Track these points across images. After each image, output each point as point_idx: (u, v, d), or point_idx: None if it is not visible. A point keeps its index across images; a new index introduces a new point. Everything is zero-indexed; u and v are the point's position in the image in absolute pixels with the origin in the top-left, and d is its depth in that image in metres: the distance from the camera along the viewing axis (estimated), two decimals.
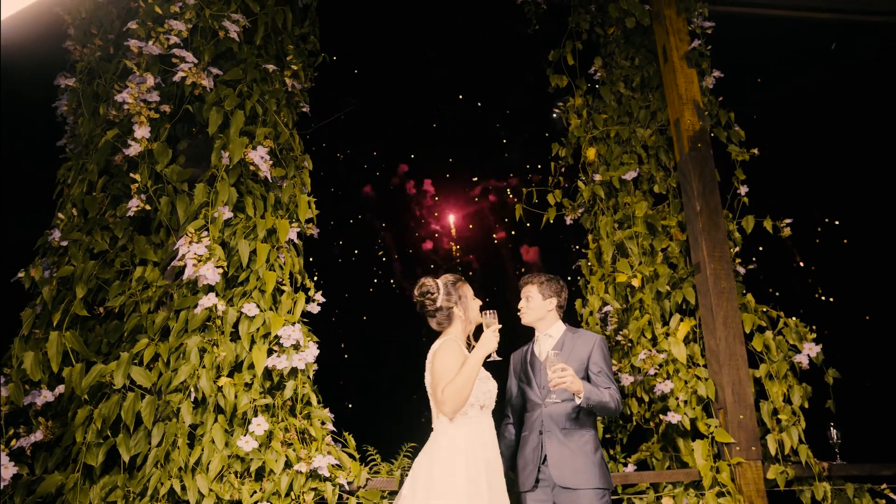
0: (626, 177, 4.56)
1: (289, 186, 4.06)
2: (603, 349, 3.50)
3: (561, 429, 3.44)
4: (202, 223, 3.55)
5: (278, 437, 3.57)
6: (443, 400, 3.06)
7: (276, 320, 3.64)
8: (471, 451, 3.07)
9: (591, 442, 3.41)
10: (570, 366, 3.44)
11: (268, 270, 3.76)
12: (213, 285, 3.61)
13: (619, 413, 3.40)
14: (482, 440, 3.16)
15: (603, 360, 3.48)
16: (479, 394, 3.17)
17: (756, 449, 3.86)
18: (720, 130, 4.65)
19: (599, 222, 4.63)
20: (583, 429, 3.42)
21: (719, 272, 4.17)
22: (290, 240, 3.94)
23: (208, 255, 3.43)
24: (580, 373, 3.46)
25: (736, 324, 4.09)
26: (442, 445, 3.11)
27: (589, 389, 3.27)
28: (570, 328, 3.64)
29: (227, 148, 3.71)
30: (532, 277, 3.74)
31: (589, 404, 3.27)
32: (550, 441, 3.44)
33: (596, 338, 3.54)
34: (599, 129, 4.84)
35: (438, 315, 3.37)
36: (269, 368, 3.61)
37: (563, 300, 3.70)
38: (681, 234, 4.56)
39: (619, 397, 3.38)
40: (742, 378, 3.99)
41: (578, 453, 3.36)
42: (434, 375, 3.16)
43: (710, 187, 4.35)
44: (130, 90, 3.41)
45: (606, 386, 3.41)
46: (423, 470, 3.11)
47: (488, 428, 3.24)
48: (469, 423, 3.15)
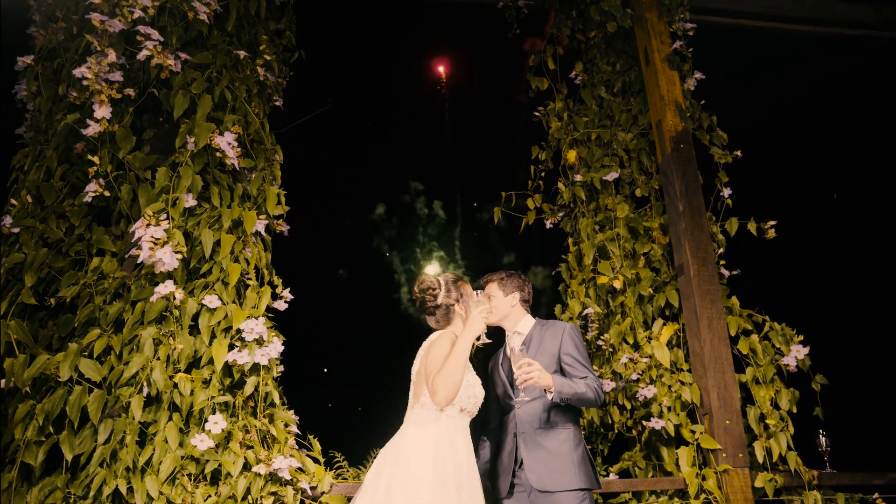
0: (608, 178, 4.39)
1: (257, 178, 3.84)
2: (574, 337, 3.26)
3: (536, 428, 3.19)
4: (161, 206, 3.31)
5: (237, 438, 3.28)
6: (434, 389, 2.84)
7: (238, 313, 3.38)
8: (440, 449, 2.83)
9: (569, 439, 3.15)
10: (539, 360, 3.21)
11: (232, 262, 3.51)
12: (172, 274, 3.35)
13: (601, 403, 3.15)
14: (453, 441, 2.92)
15: (575, 349, 3.23)
16: (463, 396, 2.95)
17: (743, 456, 3.62)
18: (702, 133, 4.52)
19: (580, 224, 4.44)
20: (560, 426, 3.17)
21: (703, 274, 3.98)
22: (258, 232, 3.71)
23: (166, 239, 3.18)
24: (552, 366, 3.22)
25: (721, 326, 3.88)
26: (410, 438, 2.88)
27: (560, 382, 3.02)
28: (541, 321, 3.41)
29: (193, 132, 3.49)
30: (491, 276, 3.54)
31: (562, 398, 3.02)
32: (525, 443, 3.19)
33: (565, 326, 3.30)
34: (580, 131, 4.69)
35: (438, 312, 3.18)
36: (229, 364, 3.34)
37: (528, 294, 3.49)
38: (663, 237, 4.38)
39: (598, 385, 3.13)
40: (728, 382, 3.77)
41: (556, 453, 3.11)
42: (428, 365, 2.95)
43: (693, 188, 4.18)
44: (90, 65, 3.19)
45: (582, 375, 3.16)
46: (388, 459, 2.87)
47: (463, 432, 3.01)
48: (444, 421, 2.92)
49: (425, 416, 2.95)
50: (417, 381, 3.06)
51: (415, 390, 3.07)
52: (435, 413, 2.94)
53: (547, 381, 2.99)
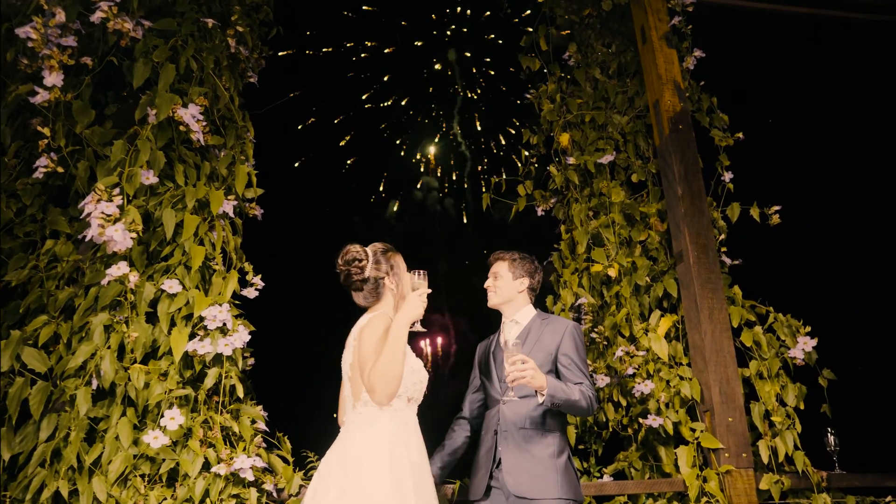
0: (603, 160, 4.10)
1: (227, 156, 3.54)
2: (575, 337, 2.99)
3: (519, 429, 2.90)
4: (115, 180, 3.00)
5: (197, 435, 2.98)
6: (372, 385, 2.50)
7: (201, 300, 3.08)
8: (395, 450, 2.50)
9: (554, 445, 2.86)
10: (535, 357, 2.92)
11: (196, 245, 3.21)
12: (129, 256, 3.05)
13: (593, 413, 2.87)
14: (406, 438, 2.60)
15: (574, 351, 2.96)
16: (408, 384, 2.64)
17: (747, 456, 3.33)
18: (702, 116, 4.23)
19: (573, 210, 4.15)
20: (546, 431, 2.89)
21: (703, 261, 3.69)
22: (226, 214, 3.40)
23: (118, 216, 2.87)
24: (547, 365, 2.94)
25: (722, 317, 3.59)
26: (358, 441, 2.53)
27: (554, 386, 2.73)
28: (542, 314, 3.13)
29: (154, 104, 3.19)
30: (503, 253, 3.23)
31: (554, 403, 2.73)
32: (506, 443, 2.90)
33: (567, 324, 3.03)
34: (573, 113, 4.40)
35: (366, 287, 2.81)
36: (189, 355, 3.04)
37: (537, 283, 3.20)
38: (661, 224, 4.09)
39: (593, 394, 2.86)
40: (730, 376, 3.48)
41: (539, 458, 2.82)
42: (361, 356, 2.62)
43: (693, 171, 3.90)
44: (35, 24, 2.90)
45: (578, 381, 2.89)
46: (334, 471, 2.50)
47: (414, 425, 2.69)
48: (393, 416, 2.60)
49: (371, 414, 2.61)
50: (354, 377, 2.69)
51: (353, 386, 2.70)
52: (382, 409, 2.61)
53: (540, 382, 2.69)
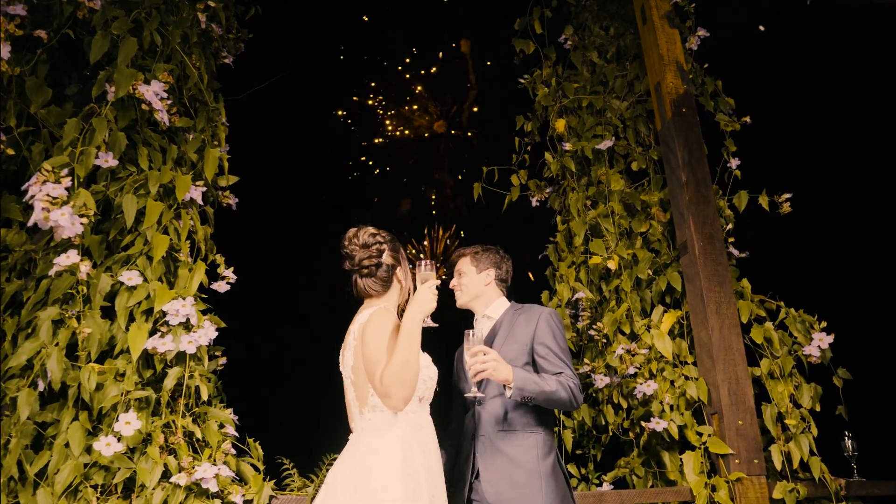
0: (601, 146, 3.82)
1: (196, 140, 3.25)
2: (552, 324, 2.68)
3: (498, 431, 2.61)
4: (65, 160, 2.71)
5: (158, 441, 2.69)
6: (387, 391, 2.19)
7: (163, 293, 2.79)
8: (410, 457, 2.23)
9: (536, 447, 2.57)
10: (508, 351, 2.63)
11: (159, 234, 2.93)
12: (86, 246, 2.77)
13: (578, 405, 2.57)
14: (422, 442, 2.33)
15: (552, 338, 2.65)
16: (418, 382, 2.35)
17: (759, 462, 3.04)
18: (706, 100, 3.95)
19: (570, 199, 3.86)
20: (527, 429, 2.60)
21: (709, 252, 3.41)
22: (193, 201, 3.12)
23: (66, 199, 2.59)
24: (522, 357, 2.64)
25: (731, 312, 3.31)
26: (369, 449, 2.26)
27: (523, 377, 2.44)
28: (516, 305, 2.84)
29: (113, 79, 2.91)
30: (464, 250, 2.98)
31: (525, 396, 2.44)
32: (483, 448, 2.61)
33: (542, 311, 2.73)
34: (570, 97, 4.12)
35: (378, 273, 2.48)
36: (150, 353, 2.75)
37: (505, 273, 2.92)
38: (663, 214, 3.81)
39: (576, 383, 2.55)
40: (740, 376, 3.19)
41: (519, 462, 2.53)
42: (368, 357, 2.31)
43: (698, 156, 3.62)
44: None
45: (557, 370, 2.58)
46: (343, 482, 2.23)
47: (429, 427, 2.41)
48: (407, 420, 2.32)
49: (381, 420, 2.34)
50: (358, 381, 2.40)
51: (358, 391, 2.41)
52: (393, 414, 2.33)
53: (505, 374, 2.41)
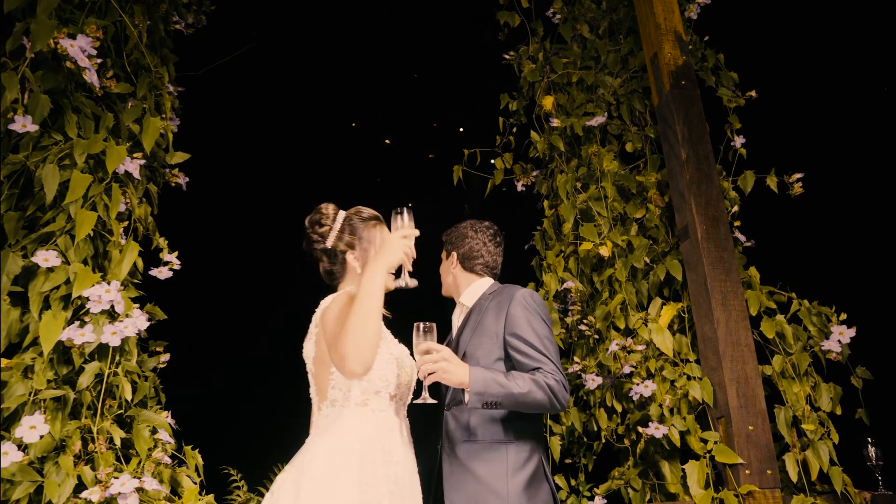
0: (592, 123, 3.43)
1: (135, 108, 2.85)
2: (527, 307, 2.23)
3: (463, 441, 2.18)
4: None
5: (73, 449, 2.28)
6: (343, 353, 1.83)
7: (84, 276, 2.38)
8: (368, 462, 1.86)
9: (506, 460, 2.13)
10: (476, 347, 2.22)
11: (85, 210, 2.52)
12: None
13: (563, 406, 2.12)
14: (388, 446, 1.96)
15: (526, 325, 2.19)
16: (387, 373, 2.00)
17: (773, 473, 2.63)
18: (707, 74, 3.56)
19: (558, 182, 3.46)
20: (496, 440, 2.16)
21: (713, 236, 3.01)
22: (130, 175, 2.71)
23: None
24: (495, 353, 2.21)
25: (738, 304, 2.91)
26: (320, 452, 1.88)
27: (483, 378, 2.00)
28: (495, 287, 2.42)
29: (31, 31, 2.51)
30: (444, 234, 2.59)
31: (487, 402, 2.00)
32: (449, 462, 2.19)
33: (514, 293, 2.27)
34: (558, 72, 3.73)
35: (326, 260, 2.22)
36: (66, 345, 2.33)
37: (470, 249, 2.47)
38: (660, 198, 3.42)
39: (558, 381, 2.10)
40: (749, 375, 2.78)
41: (485, 479, 2.10)
42: (328, 333, 1.97)
43: (699, 132, 3.23)
44: None
45: (534, 366, 2.13)
46: (286, 492, 1.87)
47: (399, 430, 2.04)
48: (371, 419, 1.96)
49: (338, 415, 1.99)
50: (319, 372, 2.05)
51: (318, 384, 2.07)
52: (354, 408, 1.97)
53: (459, 376, 1.98)
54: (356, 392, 1.97)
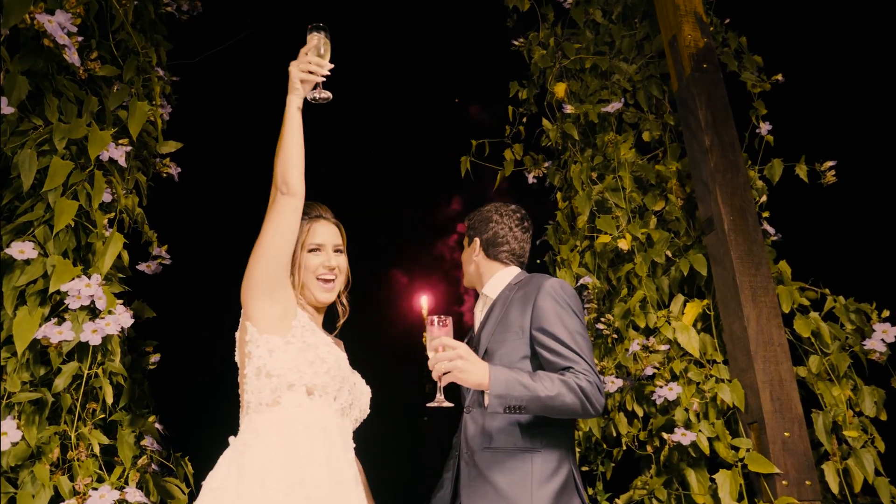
0: (608, 109, 3.22)
1: (121, 91, 2.65)
2: (557, 299, 1.99)
3: (483, 448, 1.94)
4: None
5: (50, 457, 2.07)
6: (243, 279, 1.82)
7: (63, 269, 2.18)
8: (282, 476, 1.61)
9: (530, 473, 1.89)
10: (498, 343, 1.99)
11: (66, 199, 2.32)
12: None
13: (597, 411, 1.89)
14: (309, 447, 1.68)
15: (556, 319, 1.95)
16: (296, 362, 1.76)
17: (812, 484, 2.41)
18: (729, 58, 3.35)
19: (572, 172, 3.25)
20: (521, 448, 1.92)
21: (741, 228, 2.80)
22: (114, 162, 2.51)
23: None
24: (520, 350, 1.98)
25: (770, 300, 2.69)
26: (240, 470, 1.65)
27: (504, 380, 1.77)
28: (521, 276, 2.20)
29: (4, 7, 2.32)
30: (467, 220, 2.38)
31: (509, 406, 1.77)
32: (467, 471, 1.96)
33: (543, 283, 2.04)
34: (571, 58, 3.52)
35: None
36: (42, 344, 2.13)
37: (494, 235, 2.23)
38: (681, 190, 3.21)
39: (591, 381, 1.87)
40: (784, 376, 2.56)
41: (507, 494, 1.86)
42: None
43: (723, 117, 3.01)
44: None
45: (564, 365, 1.89)
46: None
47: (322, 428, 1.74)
48: (281, 417, 1.72)
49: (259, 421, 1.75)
50: (241, 380, 1.86)
51: (241, 391, 1.87)
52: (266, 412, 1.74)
53: (477, 376, 1.75)
54: (266, 392, 1.74)
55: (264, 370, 1.76)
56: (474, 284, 2.29)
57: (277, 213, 1.78)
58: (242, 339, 1.83)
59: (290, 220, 1.79)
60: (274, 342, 1.77)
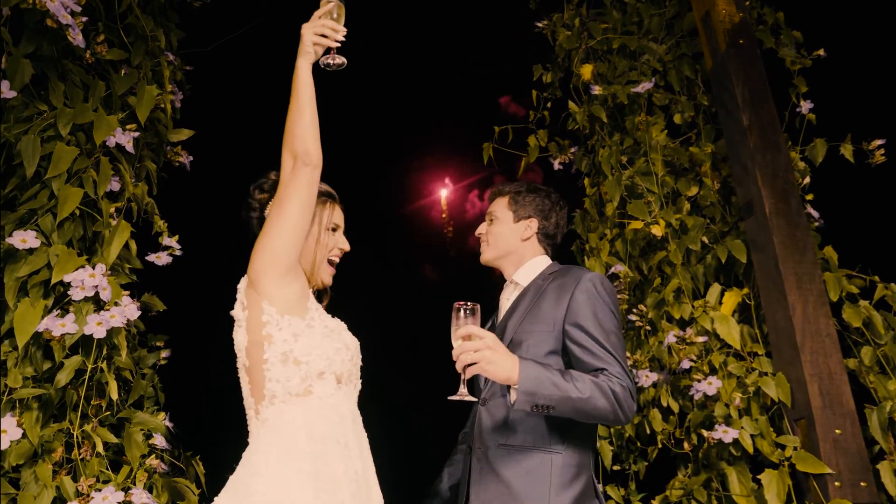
0: (638, 89, 3.04)
1: (129, 76, 2.53)
2: (596, 294, 1.84)
3: (497, 445, 1.79)
4: None
5: (53, 456, 1.96)
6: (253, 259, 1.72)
7: (66, 259, 2.07)
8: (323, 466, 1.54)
9: (549, 476, 1.74)
10: (527, 333, 1.83)
11: (70, 186, 2.21)
12: None
13: (627, 418, 1.74)
14: (340, 439, 1.63)
15: (592, 317, 1.80)
16: (324, 349, 1.66)
17: (868, 486, 2.21)
18: (765, 34, 3.15)
19: (600, 157, 3.07)
20: (542, 449, 1.77)
21: (783, 212, 2.61)
22: (122, 149, 2.39)
23: None
24: (548, 344, 1.83)
25: (816, 288, 2.50)
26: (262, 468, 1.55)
27: (534, 376, 1.62)
28: (555, 266, 2.04)
29: None
30: (504, 186, 2.16)
31: (536, 405, 1.61)
32: (479, 469, 1.80)
33: (582, 276, 1.88)
34: (597, 38, 3.34)
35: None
36: (44, 337, 2.02)
37: (554, 225, 2.10)
38: (717, 175, 3.02)
39: (625, 385, 1.73)
40: (833, 369, 2.37)
41: (521, 494, 1.71)
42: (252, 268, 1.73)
43: (762, 95, 2.82)
44: None
45: (597, 366, 1.74)
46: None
47: (350, 419, 1.70)
48: (315, 408, 1.63)
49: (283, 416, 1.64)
50: (254, 365, 1.69)
51: (253, 380, 1.70)
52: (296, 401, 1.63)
53: (506, 370, 1.60)
54: (295, 381, 1.63)
55: (291, 356, 1.65)
56: (501, 265, 2.11)
57: (301, 185, 1.68)
58: (256, 319, 1.68)
59: (312, 192, 1.71)
60: (297, 325, 1.67)
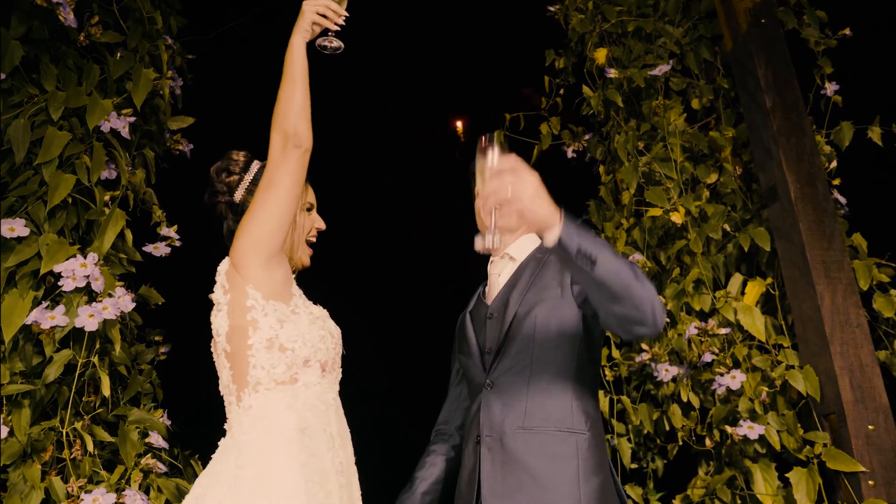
0: (656, 72, 2.89)
1: (126, 59, 2.42)
2: None
3: (517, 429, 1.62)
4: None
5: (43, 456, 1.85)
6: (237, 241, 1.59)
7: (57, 248, 1.96)
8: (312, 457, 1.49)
9: (576, 458, 1.58)
10: (531, 303, 1.70)
11: (61, 172, 2.10)
12: None
13: (657, 314, 1.44)
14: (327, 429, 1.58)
15: None
16: (310, 336, 1.59)
17: None
18: (787, 14, 2.98)
19: (616, 143, 2.93)
20: (567, 430, 1.62)
21: (809, 197, 2.46)
22: (117, 133, 2.27)
23: None
24: (560, 310, 1.69)
25: (846, 276, 2.35)
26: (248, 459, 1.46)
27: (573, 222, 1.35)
28: None
29: None
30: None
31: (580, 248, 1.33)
32: (489, 458, 1.63)
33: None
34: (612, 21, 3.20)
35: (231, 218, 1.81)
36: (33, 331, 1.91)
37: None
38: (738, 160, 2.88)
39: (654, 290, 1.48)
40: (864, 361, 2.23)
41: (547, 482, 1.55)
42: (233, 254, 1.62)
43: (785, 76, 2.68)
44: None
45: None
46: None
47: (334, 408, 1.65)
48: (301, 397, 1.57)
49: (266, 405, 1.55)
50: (236, 350, 1.58)
51: (235, 365, 1.58)
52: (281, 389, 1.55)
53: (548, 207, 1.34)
54: (281, 368, 1.55)
55: (277, 342, 1.56)
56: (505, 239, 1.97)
57: (292, 168, 1.58)
58: (240, 303, 1.58)
59: (302, 174, 1.62)
60: (282, 310, 1.59)
